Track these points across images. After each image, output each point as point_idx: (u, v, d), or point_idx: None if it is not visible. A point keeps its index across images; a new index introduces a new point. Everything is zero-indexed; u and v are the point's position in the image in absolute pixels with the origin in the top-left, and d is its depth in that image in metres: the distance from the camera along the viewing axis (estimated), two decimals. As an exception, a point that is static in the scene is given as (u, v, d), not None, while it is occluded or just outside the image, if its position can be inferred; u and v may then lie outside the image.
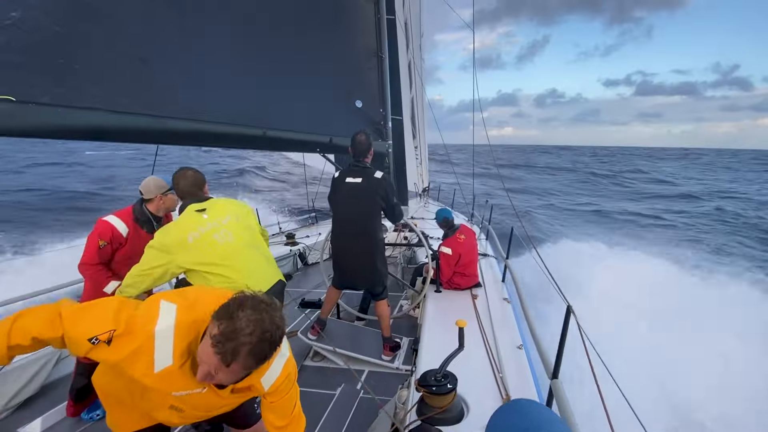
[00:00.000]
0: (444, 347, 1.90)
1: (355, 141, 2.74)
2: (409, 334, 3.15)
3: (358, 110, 4.05)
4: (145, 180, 2.35)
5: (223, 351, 0.92)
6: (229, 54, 2.90)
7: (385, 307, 2.78)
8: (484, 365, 2.21)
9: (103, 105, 2.18)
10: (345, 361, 2.78)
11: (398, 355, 2.79)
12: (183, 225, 1.86)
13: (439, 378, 1.76)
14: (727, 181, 33.60)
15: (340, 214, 2.75)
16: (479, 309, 2.99)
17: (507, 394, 1.92)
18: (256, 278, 1.88)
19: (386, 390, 2.44)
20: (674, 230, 14.90)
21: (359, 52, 4.07)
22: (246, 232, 1.98)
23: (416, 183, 9.73)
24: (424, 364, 2.20)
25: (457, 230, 3.53)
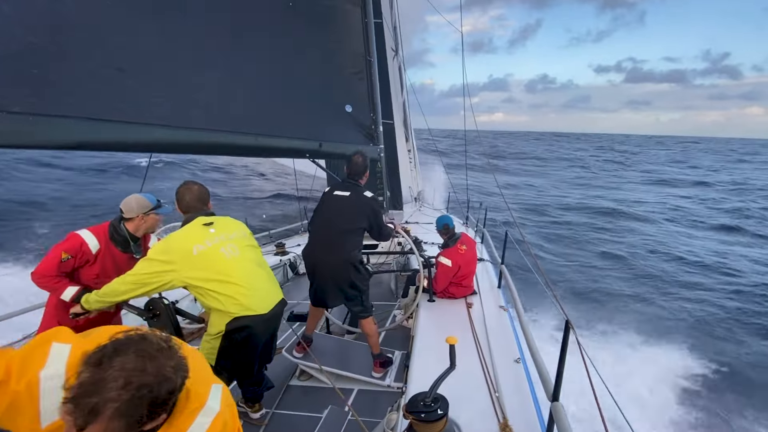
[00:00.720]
0: (436, 363, 1.76)
1: (352, 161, 2.68)
2: (402, 346, 3.00)
3: (348, 115, 3.94)
4: (128, 198, 2.23)
5: (76, 409, 0.70)
6: (214, 61, 2.82)
7: (370, 325, 2.63)
8: (480, 384, 2.06)
9: (80, 113, 2.08)
10: (333, 379, 2.63)
11: (389, 372, 2.65)
12: (189, 236, 1.80)
13: (429, 403, 1.61)
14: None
15: (318, 225, 2.63)
16: (474, 319, 2.85)
17: (504, 417, 1.78)
18: (260, 297, 1.85)
19: (376, 410, 2.29)
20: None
21: (348, 57, 3.98)
22: (250, 250, 1.97)
23: (411, 187, 9.62)
24: (416, 382, 2.06)
25: (458, 240, 3.34)
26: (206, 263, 1.75)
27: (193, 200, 1.95)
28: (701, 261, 11.08)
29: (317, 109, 3.66)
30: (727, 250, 12.42)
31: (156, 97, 2.47)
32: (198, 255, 1.74)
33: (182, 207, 1.96)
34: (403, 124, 8.16)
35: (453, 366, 1.77)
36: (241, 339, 1.82)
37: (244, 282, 1.81)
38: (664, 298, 8.66)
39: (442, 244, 3.48)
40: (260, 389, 2.27)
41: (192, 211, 1.94)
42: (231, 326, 1.78)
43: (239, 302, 1.77)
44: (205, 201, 1.99)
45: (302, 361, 2.69)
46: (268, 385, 2.32)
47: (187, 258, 1.72)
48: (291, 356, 2.71)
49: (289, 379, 2.74)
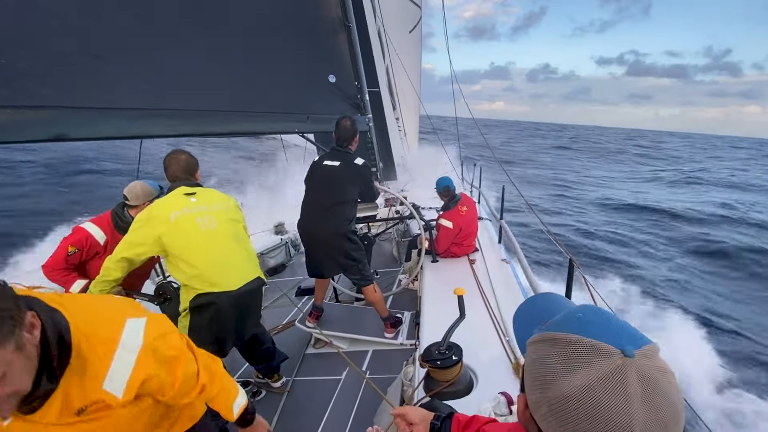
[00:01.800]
0: (446, 317, 1.82)
1: (339, 126, 2.61)
2: (410, 307, 3.08)
3: (332, 86, 3.85)
4: (132, 184, 2.23)
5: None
6: (191, 41, 2.72)
7: (373, 293, 2.66)
8: (489, 331, 2.14)
9: (58, 103, 2.02)
10: (348, 344, 2.71)
11: (401, 331, 2.73)
12: (168, 203, 1.77)
13: (443, 351, 1.68)
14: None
15: (310, 197, 2.61)
16: (478, 274, 2.91)
17: (516, 358, 1.86)
18: (230, 272, 1.79)
19: (392, 367, 2.38)
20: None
21: (326, 25, 3.84)
22: (230, 224, 1.89)
23: (403, 156, 9.55)
24: (427, 337, 2.13)
25: (458, 202, 3.34)
26: (179, 231, 1.70)
27: (178, 170, 1.91)
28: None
29: (301, 83, 3.57)
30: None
31: (136, 82, 2.40)
32: (174, 221, 1.70)
33: (168, 176, 1.93)
34: (389, 91, 7.99)
35: (463, 315, 1.83)
36: (207, 317, 1.75)
37: (214, 256, 1.75)
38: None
39: (442, 207, 3.49)
40: (272, 364, 2.30)
41: (177, 181, 1.91)
42: (194, 303, 1.73)
43: (204, 278, 1.71)
44: (191, 171, 1.95)
45: (315, 330, 2.76)
46: (282, 358, 2.36)
47: (164, 224, 1.69)
48: (304, 326, 2.78)
49: (305, 348, 2.82)
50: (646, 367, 0.43)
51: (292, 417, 2.15)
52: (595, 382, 0.43)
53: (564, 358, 0.47)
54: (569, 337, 0.48)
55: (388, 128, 7.65)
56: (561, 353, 0.47)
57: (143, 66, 2.43)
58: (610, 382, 0.42)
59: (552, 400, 0.46)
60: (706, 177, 23.85)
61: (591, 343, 0.46)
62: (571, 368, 0.45)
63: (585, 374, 0.44)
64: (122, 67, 2.31)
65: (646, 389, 0.42)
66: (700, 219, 13.05)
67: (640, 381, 0.42)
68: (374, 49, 6.99)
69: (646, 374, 0.43)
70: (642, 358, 0.44)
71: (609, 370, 0.43)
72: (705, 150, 59.38)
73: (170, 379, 0.99)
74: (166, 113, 2.56)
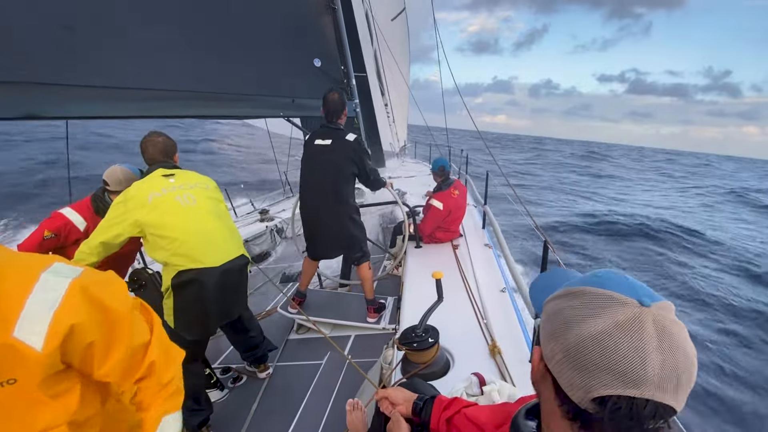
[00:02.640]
0: (426, 302, 1.84)
1: (327, 100, 2.52)
2: (394, 293, 3.10)
3: (318, 70, 3.78)
4: (112, 168, 2.17)
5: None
6: (172, 19, 2.63)
7: (366, 270, 2.69)
8: (468, 313, 2.17)
9: (25, 78, 1.93)
10: (330, 329, 2.72)
11: (383, 316, 2.75)
12: (145, 184, 1.74)
13: (420, 333, 1.70)
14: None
15: (307, 179, 2.57)
16: (461, 258, 2.94)
17: (492, 339, 1.88)
18: (211, 248, 1.76)
19: (374, 352, 2.40)
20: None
21: (311, 7, 3.75)
22: (211, 201, 1.87)
23: (391, 143, 9.50)
24: (408, 321, 2.14)
25: (451, 185, 3.35)
26: (159, 210, 1.68)
27: (156, 153, 1.89)
28: None
29: (286, 67, 3.50)
30: None
31: (114, 58, 2.31)
32: (152, 202, 1.68)
33: (146, 159, 1.91)
34: (377, 76, 7.89)
35: (440, 299, 1.85)
36: (191, 294, 1.71)
37: (195, 232, 1.72)
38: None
39: (434, 188, 3.49)
40: (259, 352, 2.29)
41: (155, 163, 1.88)
42: (177, 280, 1.69)
43: (186, 253, 1.68)
44: (169, 154, 1.92)
45: (298, 316, 2.76)
46: (269, 348, 2.35)
47: (142, 205, 1.67)
48: (287, 312, 2.77)
49: (287, 333, 2.83)
50: (662, 317, 0.44)
51: (273, 400, 2.16)
52: (612, 327, 0.43)
53: (582, 307, 0.47)
54: (588, 289, 0.49)
55: (376, 114, 7.58)
56: (580, 303, 0.48)
57: (120, 44, 2.34)
58: (627, 327, 0.43)
59: (568, 346, 0.46)
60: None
61: (609, 293, 0.46)
62: (589, 315, 0.46)
63: (602, 320, 0.44)
64: (97, 43, 2.22)
65: (662, 337, 0.42)
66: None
67: (656, 329, 0.43)
68: (361, 32, 6.87)
69: (662, 323, 0.43)
70: (658, 309, 0.45)
71: (627, 317, 0.44)
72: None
73: (107, 342, 0.75)
74: (145, 94, 2.48)
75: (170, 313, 1.76)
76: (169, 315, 1.77)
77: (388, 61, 7.75)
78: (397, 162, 9.58)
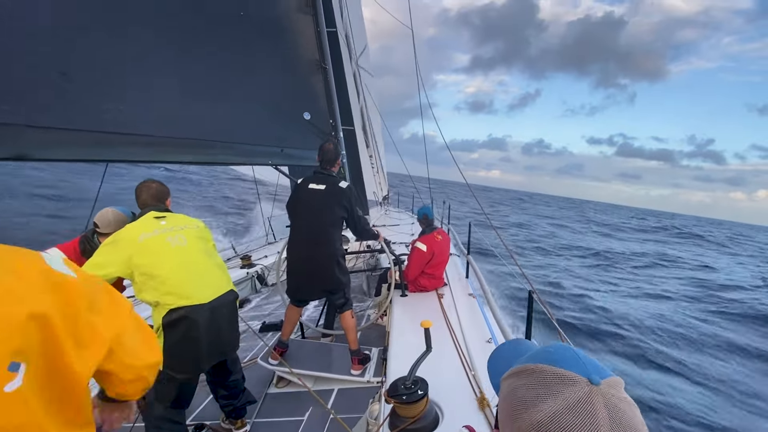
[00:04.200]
0: (413, 352, 1.81)
1: (323, 149, 2.72)
2: (379, 344, 3.03)
3: (307, 122, 3.96)
4: (104, 211, 2.16)
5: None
6: (166, 69, 2.75)
7: (350, 319, 2.65)
8: (455, 365, 2.14)
9: (18, 121, 1.96)
10: (311, 382, 2.61)
11: (368, 368, 2.66)
12: (136, 225, 1.79)
13: (409, 385, 1.67)
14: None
15: (297, 220, 2.64)
16: (446, 307, 2.94)
17: (481, 391, 1.86)
18: (200, 285, 1.78)
19: (358, 406, 2.30)
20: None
21: (303, 65, 4.00)
22: (200, 241, 1.93)
23: (375, 192, 9.72)
24: (394, 373, 2.09)
25: (435, 230, 3.52)
26: (149, 250, 1.72)
27: (149, 198, 1.97)
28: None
29: (276, 118, 3.66)
30: None
31: (106, 104, 2.38)
32: (143, 242, 1.72)
33: (139, 204, 1.98)
34: (363, 129, 8.26)
35: (429, 349, 1.83)
36: (181, 332, 1.72)
37: (185, 270, 1.76)
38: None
39: (419, 233, 3.61)
40: (237, 402, 2.18)
41: (147, 207, 1.95)
42: (168, 318, 1.70)
43: (176, 292, 1.71)
44: (161, 199, 2.00)
45: (278, 368, 2.65)
46: (248, 399, 2.24)
47: (132, 245, 1.70)
48: (267, 364, 2.66)
49: (267, 387, 2.69)
50: (611, 395, 0.44)
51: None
52: (564, 410, 0.43)
53: (534, 387, 0.48)
54: (539, 367, 0.49)
55: (362, 164, 7.83)
56: (531, 383, 0.48)
57: (114, 89, 2.42)
58: (579, 408, 0.43)
59: (525, 429, 0.46)
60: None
61: (560, 371, 0.47)
62: (540, 397, 0.46)
63: (554, 402, 0.45)
64: (91, 88, 2.29)
65: (613, 416, 0.42)
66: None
67: (606, 408, 0.43)
68: (350, 89, 7.30)
69: (612, 402, 0.44)
70: (608, 387, 0.45)
71: (577, 397, 0.44)
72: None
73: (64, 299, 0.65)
74: (138, 139, 2.53)
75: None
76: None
77: (373, 116, 8.18)
78: (381, 211, 9.75)
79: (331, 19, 6.77)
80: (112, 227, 2.10)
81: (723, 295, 12.70)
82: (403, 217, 8.58)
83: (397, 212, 9.86)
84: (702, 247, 30.76)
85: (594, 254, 18.96)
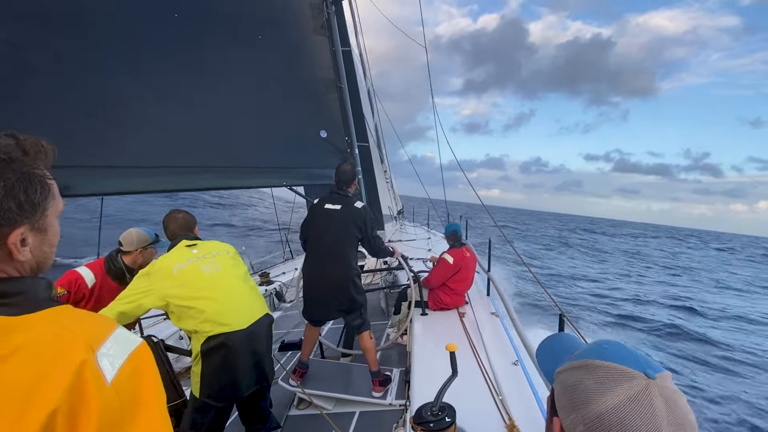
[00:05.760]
0: (437, 374, 1.77)
1: (340, 170, 2.73)
2: (399, 364, 2.97)
3: (323, 140, 4.01)
4: (128, 231, 2.27)
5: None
6: (186, 98, 2.87)
7: (368, 340, 2.61)
8: (482, 389, 2.07)
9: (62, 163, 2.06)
10: (332, 404, 2.56)
11: (390, 390, 2.60)
12: (171, 257, 1.82)
13: (436, 412, 1.61)
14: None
15: (313, 240, 2.64)
16: (468, 327, 2.87)
17: (510, 418, 1.78)
18: (238, 311, 1.80)
19: (381, 430, 2.24)
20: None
21: (319, 85, 4.09)
22: (234, 267, 1.95)
23: (390, 206, 9.72)
24: (418, 396, 2.04)
25: (464, 246, 3.52)
26: (185, 281, 1.74)
27: (177, 228, 2.00)
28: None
29: (292, 137, 3.72)
30: None
31: (129, 139, 2.48)
32: (178, 273, 1.74)
33: (168, 235, 2.01)
34: (377, 145, 8.32)
35: (455, 373, 1.78)
36: (220, 359, 1.73)
37: (221, 297, 1.77)
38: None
39: (449, 247, 3.60)
40: (264, 429, 2.15)
41: (177, 237, 1.97)
42: (206, 346, 1.71)
43: (214, 319, 1.72)
44: (190, 228, 2.03)
45: (298, 389, 2.61)
46: (273, 425, 2.21)
47: (168, 277, 1.72)
48: (287, 385, 2.63)
49: (288, 409, 2.65)
50: (666, 388, 0.49)
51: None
52: (626, 401, 0.48)
53: (596, 381, 0.52)
54: (599, 363, 0.54)
55: (377, 180, 7.86)
56: (594, 377, 0.53)
57: (137, 123, 2.52)
58: (639, 400, 0.48)
59: (588, 419, 0.50)
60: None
61: (619, 367, 0.52)
62: (603, 389, 0.51)
63: (616, 394, 0.49)
64: (114, 124, 2.40)
65: (669, 406, 0.47)
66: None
67: (663, 399, 0.48)
68: (364, 106, 7.39)
69: (667, 394, 0.49)
70: (662, 381, 0.50)
71: (637, 390, 0.49)
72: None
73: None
74: (160, 170, 2.62)
75: (197, 380, 1.75)
76: (196, 383, 1.75)
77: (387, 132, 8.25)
78: (396, 225, 9.72)
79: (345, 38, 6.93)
80: (134, 245, 2.20)
81: None
82: (419, 232, 8.53)
83: (412, 227, 9.82)
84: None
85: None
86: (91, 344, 0.55)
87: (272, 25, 3.56)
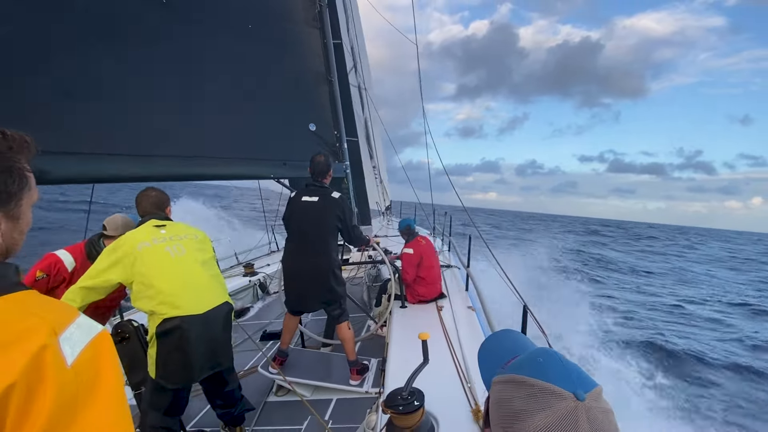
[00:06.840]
0: (411, 363, 1.84)
1: (314, 161, 2.74)
2: (378, 354, 3.05)
3: (312, 133, 4.03)
4: (113, 216, 2.26)
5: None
6: (172, 86, 2.83)
7: (347, 330, 2.68)
8: (452, 376, 2.16)
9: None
10: (310, 391, 2.64)
11: (367, 378, 2.69)
12: (136, 234, 1.81)
13: (406, 396, 1.69)
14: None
15: (293, 233, 2.68)
16: (445, 320, 2.97)
17: (476, 403, 1.88)
18: (195, 296, 1.79)
19: (356, 416, 2.32)
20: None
21: (309, 77, 4.09)
22: (199, 252, 1.94)
23: (378, 202, 9.78)
24: (392, 384, 2.12)
25: (417, 236, 3.70)
26: (147, 260, 1.73)
27: (149, 206, 1.99)
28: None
29: (281, 130, 3.73)
30: None
31: (111, 125, 2.44)
32: (141, 251, 1.74)
33: (139, 212, 2.00)
34: (366, 140, 8.35)
35: (426, 360, 1.86)
36: (174, 342, 1.72)
37: (179, 280, 1.77)
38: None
39: (405, 242, 3.75)
40: (235, 411, 2.19)
41: (147, 215, 1.97)
42: (161, 328, 1.71)
43: (170, 302, 1.72)
44: (161, 207, 2.02)
45: (278, 377, 2.68)
46: (246, 407, 2.25)
47: (131, 254, 1.73)
48: (267, 372, 2.69)
49: (266, 395, 2.71)
50: (593, 408, 0.51)
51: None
52: (553, 423, 0.50)
53: (526, 400, 0.54)
54: (531, 381, 0.55)
55: (365, 175, 7.90)
56: (524, 395, 0.55)
57: (119, 108, 2.48)
58: (565, 422, 0.50)
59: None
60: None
61: (550, 387, 0.53)
62: (532, 409, 0.52)
63: (545, 415, 0.51)
64: (95, 107, 2.36)
65: (593, 428, 0.49)
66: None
67: (588, 421, 0.49)
68: (354, 101, 7.41)
69: (593, 415, 0.51)
70: (591, 401, 0.52)
71: (565, 412, 0.50)
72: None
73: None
74: (141, 157, 2.58)
75: (152, 362, 1.76)
76: (152, 365, 1.77)
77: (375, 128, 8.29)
78: (383, 221, 9.80)
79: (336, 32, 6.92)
80: (119, 231, 2.17)
81: None
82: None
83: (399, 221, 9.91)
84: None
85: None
86: (55, 328, 0.58)
87: (263, 15, 3.56)
